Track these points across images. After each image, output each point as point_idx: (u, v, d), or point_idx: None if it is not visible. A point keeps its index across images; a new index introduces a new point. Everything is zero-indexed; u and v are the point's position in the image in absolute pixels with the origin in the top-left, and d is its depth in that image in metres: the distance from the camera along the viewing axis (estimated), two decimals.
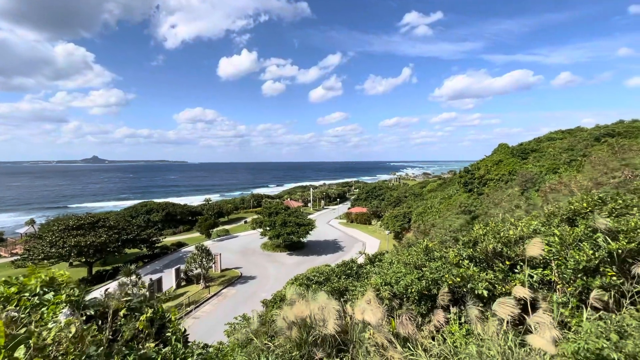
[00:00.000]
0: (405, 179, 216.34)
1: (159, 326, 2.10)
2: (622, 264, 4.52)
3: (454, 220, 24.09)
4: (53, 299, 1.93)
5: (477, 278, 5.14)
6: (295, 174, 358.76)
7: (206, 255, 35.01)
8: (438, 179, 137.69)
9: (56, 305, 1.90)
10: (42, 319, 1.79)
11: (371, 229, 65.41)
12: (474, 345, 3.66)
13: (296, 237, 46.34)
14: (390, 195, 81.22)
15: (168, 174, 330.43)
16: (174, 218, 68.59)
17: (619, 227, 4.79)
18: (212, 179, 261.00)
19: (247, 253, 48.00)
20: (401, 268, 6.72)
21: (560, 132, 67.58)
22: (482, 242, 6.15)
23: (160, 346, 1.93)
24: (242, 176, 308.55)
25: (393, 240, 50.69)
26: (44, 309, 1.86)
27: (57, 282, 2.19)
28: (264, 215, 51.10)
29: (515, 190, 28.61)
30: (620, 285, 4.20)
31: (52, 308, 1.88)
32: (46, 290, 2.07)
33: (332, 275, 11.82)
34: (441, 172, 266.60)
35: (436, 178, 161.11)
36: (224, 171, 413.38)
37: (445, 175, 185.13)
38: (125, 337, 1.83)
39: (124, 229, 43.15)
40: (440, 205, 48.56)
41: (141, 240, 44.65)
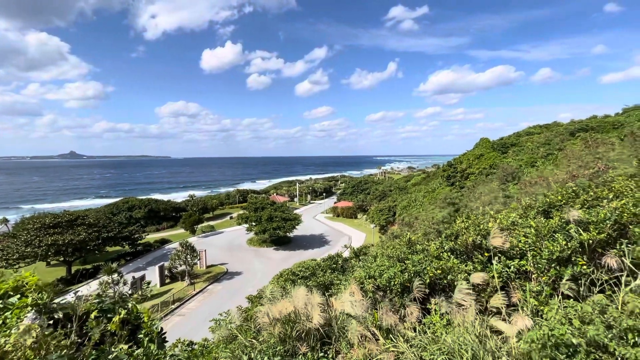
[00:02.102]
0: (390, 173, 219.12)
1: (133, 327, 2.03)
2: (593, 253, 4.73)
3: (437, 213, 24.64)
4: (18, 302, 1.83)
5: (456, 270, 5.27)
6: (281, 168, 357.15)
7: (191, 252, 34.60)
8: (422, 172, 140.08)
9: (21, 310, 1.79)
10: (5, 324, 1.69)
11: (357, 222, 66.08)
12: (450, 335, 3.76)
13: (282, 232, 46.30)
14: (375, 189, 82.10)
15: (151, 170, 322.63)
16: (157, 215, 67.53)
17: (590, 219, 5.01)
18: (197, 175, 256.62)
19: (233, 249, 47.68)
20: (385, 261, 6.81)
21: (538, 126, 69.94)
22: (463, 235, 6.30)
23: (133, 348, 1.87)
24: (228, 171, 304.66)
25: (378, 233, 51.38)
26: (7, 314, 1.76)
27: (24, 285, 2.07)
28: (250, 210, 50.80)
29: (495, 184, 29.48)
30: (590, 274, 4.40)
31: (17, 312, 1.78)
32: (11, 294, 1.96)
33: (317, 270, 11.87)
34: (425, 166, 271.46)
35: (420, 172, 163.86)
36: (208, 166, 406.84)
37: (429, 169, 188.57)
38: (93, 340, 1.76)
39: (104, 226, 41.99)
40: (424, 199, 49.53)
41: (123, 238, 43.64)
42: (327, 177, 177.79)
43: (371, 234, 50.93)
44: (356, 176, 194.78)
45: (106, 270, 27.93)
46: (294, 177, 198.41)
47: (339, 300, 4.60)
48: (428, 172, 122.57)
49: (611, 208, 5.09)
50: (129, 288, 29.33)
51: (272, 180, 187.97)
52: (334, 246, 47.60)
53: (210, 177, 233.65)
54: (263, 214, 47.92)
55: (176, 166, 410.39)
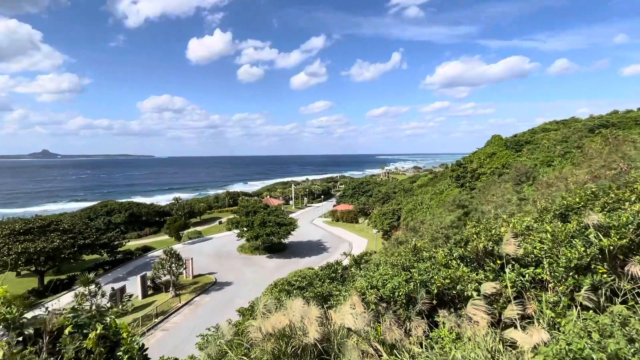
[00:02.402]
0: (394, 173, 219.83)
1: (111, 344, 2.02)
2: (614, 261, 4.75)
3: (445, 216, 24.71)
4: None
5: (466, 279, 5.28)
6: (275, 168, 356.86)
7: (176, 260, 34.50)
8: (429, 173, 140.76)
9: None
10: None
11: (358, 227, 66.11)
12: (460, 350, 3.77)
13: (276, 238, 46.25)
14: (378, 191, 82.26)
15: (132, 170, 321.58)
16: (138, 219, 67.34)
17: (611, 223, 5.04)
18: (182, 175, 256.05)
19: (222, 257, 47.58)
20: (388, 270, 6.82)
21: (555, 122, 70.54)
22: (474, 241, 6.32)
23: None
24: (216, 171, 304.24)
25: (381, 239, 51.44)
26: None
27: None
28: (241, 214, 50.72)
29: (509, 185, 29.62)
30: (611, 283, 4.42)
31: None
32: None
33: (315, 280, 11.88)
34: (432, 165, 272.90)
35: (427, 172, 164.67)
36: (195, 166, 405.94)
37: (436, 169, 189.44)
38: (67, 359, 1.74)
39: (80, 232, 41.79)
40: (431, 202, 49.66)
41: (101, 245, 43.45)
42: (325, 178, 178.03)
43: (373, 240, 50.98)
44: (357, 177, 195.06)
45: (82, 280, 27.76)
46: (289, 177, 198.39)
47: (339, 313, 4.60)
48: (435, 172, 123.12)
49: (634, 211, 5.13)
50: (107, 300, 29.13)
51: (265, 182, 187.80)
52: (332, 253, 47.56)
53: (197, 178, 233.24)
54: (255, 219, 47.85)
55: (160, 166, 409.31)
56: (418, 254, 7.52)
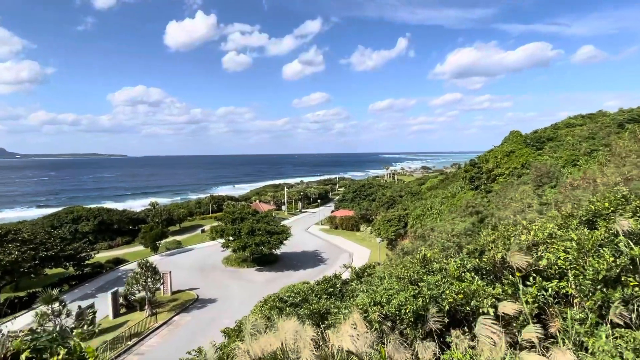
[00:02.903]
0: (400, 174, 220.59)
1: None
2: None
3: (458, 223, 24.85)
4: None
5: (482, 294, 5.30)
6: (265, 169, 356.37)
7: (152, 274, 34.38)
8: (439, 174, 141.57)
9: None
10: None
11: (359, 236, 66.20)
12: None
13: (267, 248, 46.21)
14: (382, 194, 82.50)
15: (101, 171, 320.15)
16: (109, 228, 67.05)
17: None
18: (159, 177, 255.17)
19: (206, 270, 47.50)
20: (394, 284, 6.83)
21: (580, 117, 71.19)
22: (490, 251, 6.34)
23: None
24: (198, 173, 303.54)
25: (386, 249, 51.52)
26: None
27: None
28: (227, 221, 50.62)
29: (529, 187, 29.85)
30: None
31: None
32: None
33: (310, 295, 11.88)
34: (443, 165, 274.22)
35: (437, 173, 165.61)
36: (174, 167, 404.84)
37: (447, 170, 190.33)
38: None
39: (42, 243, 41.49)
40: (442, 206, 49.87)
41: (66, 257, 43.18)
42: (322, 180, 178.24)
43: (377, 249, 51.07)
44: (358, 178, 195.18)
45: (44, 298, 27.50)
46: (282, 179, 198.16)
47: (337, 333, 4.59)
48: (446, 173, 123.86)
49: None
50: (73, 321, 28.90)
51: (254, 184, 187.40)
52: (331, 265, 47.60)
53: (176, 180, 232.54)
54: (243, 226, 47.78)
55: (134, 167, 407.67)
56: (427, 266, 7.53)
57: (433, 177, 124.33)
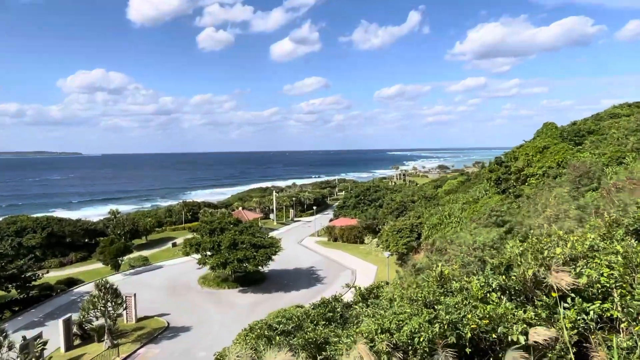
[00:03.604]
0: (412, 175, 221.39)
1: None
2: None
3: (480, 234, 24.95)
4: None
5: (510, 318, 5.32)
6: (250, 170, 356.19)
7: (113, 297, 34.26)
8: (459, 174, 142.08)
9: None
10: None
11: (364, 250, 66.28)
12: None
13: (252, 265, 46.17)
14: (391, 199, 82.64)
15: (51, 173, 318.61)
16: (61, 242, 66.72)
17: None
18: (122, 180, 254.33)
19: (178, 291, 47.38)
20: (405, 307, 6.85)
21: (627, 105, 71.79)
22: (519, 266, 6.38)
23: None
24: (169, 175, 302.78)
25: (396, 265, 51.58)
26: None
27: None
28: (203, 233, 50.53)
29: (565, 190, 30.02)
30: None
31: None
32: None
33: (305, 321, 11.87)
34: (464, 164, 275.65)
35: (456, 173, 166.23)
36: (140, 167, 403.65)
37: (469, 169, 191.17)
38: None
39: None
40: (463, 213, 50.07)
41: (8, 278, 42.91)
42: (319, 183, 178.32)
43: (385, 266, 51.15)
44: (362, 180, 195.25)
45: None
46: (270, 182, 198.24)
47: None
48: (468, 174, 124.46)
49: None
50: (17, 355, 28.67)
51: (237, 188, 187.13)
52: (329, 285, 47.67)
53: (142, 183, 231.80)
54: (223, 239, 47.70)
55: (90, 167, 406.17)
56: (445, 285, 7.55)
57: (452, 178, 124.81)
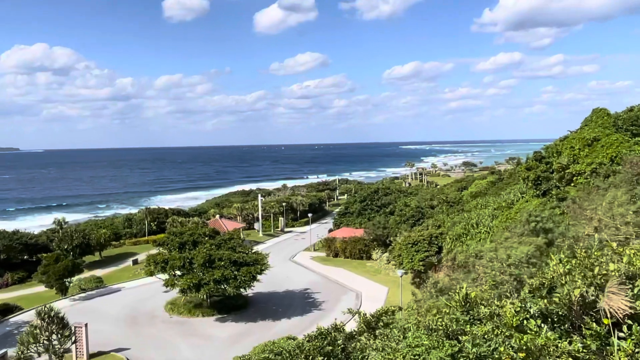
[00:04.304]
0: (431, 174, 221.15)
1: None
2: None
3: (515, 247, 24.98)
4: None
5: (553, 351, 5.32)
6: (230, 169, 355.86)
7: (59, 329, 34.10)
8: (489, 173, 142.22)
9: None
10: None
11: (371, 267, 66.21)
12: None
13: (232, 287, 45.97)
14: (404, 204, 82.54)
15: None
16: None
17: None
18: (70, 182, 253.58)
19: (140, 321, 47.12)
20: (422, 338, 6.84)
21: None
22: (563, 286, 6.37)
23: None
24: (129, 175, 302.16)
25: (411, 286, 51.52)
26: None
27: None
28: (172, 248, 50.26)
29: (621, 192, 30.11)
30: None
31: None
32: None
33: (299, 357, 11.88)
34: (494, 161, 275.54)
35: (486, 172, 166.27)
36: (92, 166, 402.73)
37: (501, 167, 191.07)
38: None
39: None
40: (494, 221, 50.12)
41: None
42: (315, 184, 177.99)
43: (397, 287, 51.07)
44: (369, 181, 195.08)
45: None
46: (255, 184, 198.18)
47: None
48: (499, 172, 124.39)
49: None
50: None
51: (213, 191, 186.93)
52: (328, 311, 47.55)
53: (95, 186, 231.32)
54: (196, 255, 47.49)
55: (30, 166, 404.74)
56: (472, 311, 7.55)
57: (480, 178, 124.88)
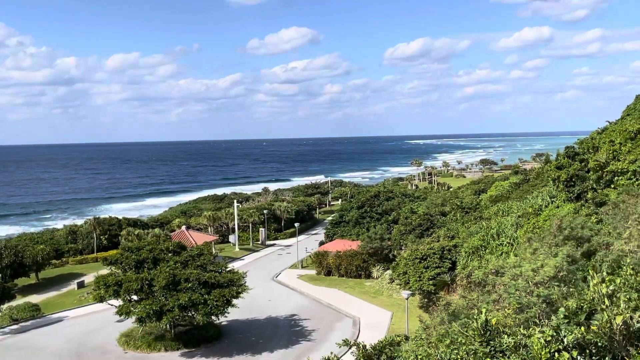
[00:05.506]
0: (442, 174, 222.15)
1: None
2: None
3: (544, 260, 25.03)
4: None
5: None
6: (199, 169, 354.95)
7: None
8: (512, 172, 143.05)
9: None
10: None
11: (371, 287, 66.29)
12: None
13: (202, 314, 45.80)
14: (410, 211, 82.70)
15: None
16: None
17: None
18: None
19: (88, 358, 46.92)
20: None
21: None
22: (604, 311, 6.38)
23: None
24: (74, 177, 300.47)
25: (419, 310, 51.57)
26: None
27: None
28: (126, 267, 49.98)
29: None
30: None
31: None
32: None
33: None
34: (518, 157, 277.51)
35: (508, 171, 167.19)
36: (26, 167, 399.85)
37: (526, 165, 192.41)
38: None
39: None
40: (518, 231, 50.31)
41: None
42: (302, 187, 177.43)
43: (402, 311, 51.21)
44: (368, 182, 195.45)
45: None
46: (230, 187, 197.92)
47: None
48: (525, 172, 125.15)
49: None
50: None
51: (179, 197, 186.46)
52: (320, 343, 47.69)
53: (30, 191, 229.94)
54: (157, 275, 47.24)
55: None
56: (493, 341, 7.54)
57: (501, 178, 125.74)
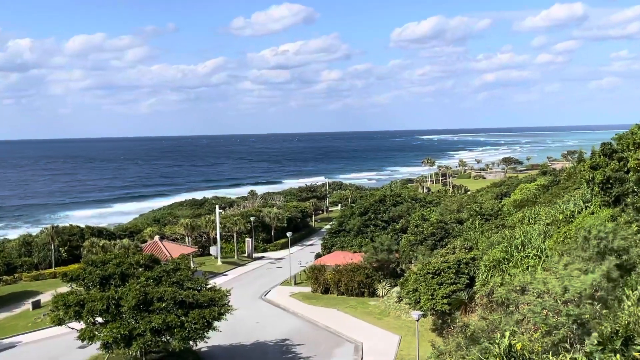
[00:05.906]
0: (459, 175, 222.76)
1: None
2: None
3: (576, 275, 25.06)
4: None
5: None
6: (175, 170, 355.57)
7: None
8: (539, 173, 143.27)
9: None
10: None
11: (376, 307, 66.52)
12: None
13: (178, 338, 45.85)
14: (421, 218, 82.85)
15: None
16: None
17: None
18: None
19: None
20: None
21: None
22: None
23: None
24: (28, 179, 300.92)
25: (431, 333, 51.63)
26: None
27: None
28: (90, 283, 50.01)
29: None
30: None
31: None
32: None
33: None
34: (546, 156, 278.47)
35: (535, 172, 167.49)
36: None
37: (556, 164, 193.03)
38: None
39: None
40: (547, 242, 50.39)
41: None
42: (296, 190, 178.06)
43: (412, 335, 51.30)
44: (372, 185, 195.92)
45: None
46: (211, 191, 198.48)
47: None
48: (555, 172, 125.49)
49: None
50: None
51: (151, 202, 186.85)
52: None
53: None
54: (126, 293, 47.26)
55: None
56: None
57: (527, 180, 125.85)
